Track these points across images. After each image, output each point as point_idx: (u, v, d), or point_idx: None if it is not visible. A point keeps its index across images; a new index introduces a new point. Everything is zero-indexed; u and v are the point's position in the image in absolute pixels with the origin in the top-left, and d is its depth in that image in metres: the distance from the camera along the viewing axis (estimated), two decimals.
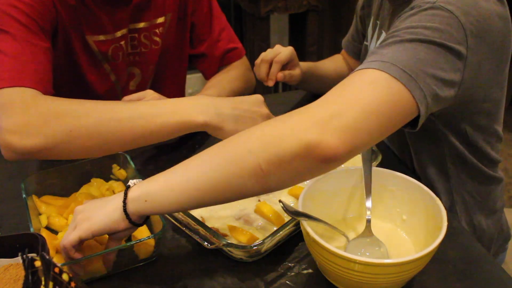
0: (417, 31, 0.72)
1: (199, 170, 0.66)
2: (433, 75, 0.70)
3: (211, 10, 1.25)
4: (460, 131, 0.90)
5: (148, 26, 1.15)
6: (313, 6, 2.54)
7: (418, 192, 0.76)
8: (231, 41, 1.28)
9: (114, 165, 0.95)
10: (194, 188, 0.66)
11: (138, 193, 0.68)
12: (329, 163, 0.64)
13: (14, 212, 0.89)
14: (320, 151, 0.62)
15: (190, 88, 2.76)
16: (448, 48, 0.72)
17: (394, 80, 0.67)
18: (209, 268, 0.78)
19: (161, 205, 0.67)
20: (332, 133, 0.62)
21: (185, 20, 1.22)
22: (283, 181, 0.66)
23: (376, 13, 1.05)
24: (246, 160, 0.64)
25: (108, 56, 1.11)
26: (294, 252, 0.80)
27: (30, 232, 0.75)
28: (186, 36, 1.24)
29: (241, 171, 0.64)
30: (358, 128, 0.64)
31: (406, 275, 0.67)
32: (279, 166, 0.63)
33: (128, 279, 0.76)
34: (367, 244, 0.75)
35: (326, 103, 0.67)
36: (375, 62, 0.70)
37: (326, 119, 0.63)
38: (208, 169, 0.66)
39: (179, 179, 0.67)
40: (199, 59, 1.29)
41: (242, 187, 0.65)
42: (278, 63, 1.05)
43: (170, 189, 0.67)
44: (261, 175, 0.63)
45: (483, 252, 0.81)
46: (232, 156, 0.65)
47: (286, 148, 0.62)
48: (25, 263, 0.53)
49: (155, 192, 0.67)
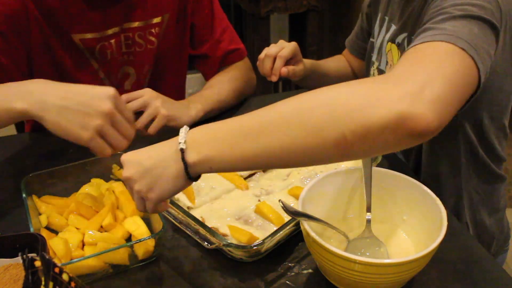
0: (466, 7, 0.72)
1: (272, 139, 0.60)
2: (487, 51, 0.70)
3: (213, 10, 1.24)
4: (476, 122, 0.91)
5: (143, 26, 1.14)
6: (313, 6, 2.54)
7: (418, 192, 0.76)
8: (233, 42, 1.28)
9: (114, 165, 0.95)
10: (266, 158, 0.61)
11: (198, 157, 0.62)
12: (420, 137, 0.59)
13: (14, 212, 0.89)
14: (413, 124, 0.57)
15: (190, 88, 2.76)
16: (492, 25, 0.72)
17: (464, 53, 0.65)
18: (209, 268, 0.78)
19: (227, 168, 0.63)
20: (425, 105, 0.57)
21: (184, 21, 1.21)
22: (367, 151, 0.61)
23: (384, 9, 1.06)
24: (330, 130, 0.58)
25: (95, 54, 1.11)
26: (294, 252, 0.80)
27: (30, 232, 0.75)
28: (185, 37, 1.24)
29: (324, 141, 0.58)
30: (448, 101, 0.60)
31: (406, 275, 0.67)
32: (365, 137, 0.57)
33: (128, 279, 0.76)
34: (367, 244, 0.75)
35: (411, 74, 0.61)
36: (441, 35, 0.67)
37: (417, 90, 0.58)
38: (284, 138, 0.59)
39: (247, 149, 0.60)
40: (200, 60, 1.29)
41: (322, 156, 0.60)
42: (281, 58, 1.05)
43: (240, 159, 0.61)
44: (344, 146, 0.58)
45: (483, 252, 0.81)
46: (312, 124, 0.58)
47: (375, 118, 0.56)
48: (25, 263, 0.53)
49: (220, 159, 0.62)
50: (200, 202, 0.86)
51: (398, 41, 0.98)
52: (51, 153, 1.06)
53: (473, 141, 0.93)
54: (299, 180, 0.91)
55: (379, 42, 1.07)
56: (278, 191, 0.89)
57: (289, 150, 0.59)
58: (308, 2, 2.52)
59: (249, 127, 0.61)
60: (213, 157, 0.61)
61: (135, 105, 0.99)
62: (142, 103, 0.99)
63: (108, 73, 1.16)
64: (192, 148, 0.62)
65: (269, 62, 1.06)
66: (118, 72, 1.18)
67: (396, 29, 0.99)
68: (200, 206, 0.85)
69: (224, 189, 0.89)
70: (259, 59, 1.08)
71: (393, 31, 1.01)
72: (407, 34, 0.96)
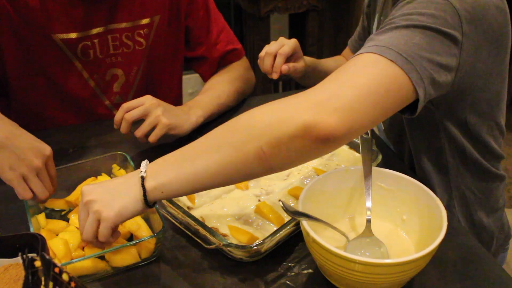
0: (413, 17, 0.74)
1: (207, 159, 0.68)
2: (429, 59, 0.72)
3: (208, 12, 1.24)
4: (460, 122, 0.91)
5: (130, 27, 1.14)
6: (313, 6, 2.54)
7: (418, 192, 0.76)
8: (230, 42, 1.28)
9: (114, 165, 0.95)
10: (204, 177, 0.69)
11: (154, 184, 0.70)
12: (327, 144, 0.65)
13: (14, 212, 0.89)
14: (318, 131, 0.63)
15: (190, 89, 2.76)
16: (443, 33, 0.74)
17: (390, 63, 0.69)
18: (209, 268, 0.78)
19: (177, 193, 0.72)
20: (329, 113, 0.64)
21: (178, 23, 1.21)
22: (285, 162, 0.68)
23: (381, 9, 1.06)
24: (249, 145, 0.66)
25: (77, 53, 1.11)
26: (294, 252, 0.80)
27: (30, 232, 0.75)
28: (180, 39, 1.23)
29: (245, 156, 0.66)
30: (355, 109, 0.65)
31: (406, 275, 0.67)
32: (279, 148, 0.65)
33: (128, 279, 0.76)
34: (367, 244, 0.75)
35: (322, 87, 0.68)
36: (371, 47, 0.71)
37: (322, 100, 0.65)
38: (215, 157, 0.68)
39: (189, 171, 0.69)
40: (197, 61, 1.29)
41: (248, 170, 0.68)
42: (282, 55, 1.05)
43: (184, 180, 0.69)
44: (264, 158, 0.66)
45: (483, 252, 0.81)
46: (236, 142, 0.67)
47: (284, 130, 0.64)
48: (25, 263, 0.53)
49: (169, 184, 0.70)
50: (200, 202, 0.86)
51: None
52: None
53: (459, 139, 0.92)
54: (299, 180, 0.91)
55: None
56: (278, 191, 0.89)
57: (221, 167, 0.68)
58: (308, 2, 2.52)
59: (189, 152, 0.70)
60: (165, 183, 0.69)
61: (136, 114, 0.98)
62: (143, 112, 0.99)
63: (93, 73, 1.16)
64: (150, 176, 0.70)
65: (270, 59, 1.06)
66: (106, 74, 1.17)
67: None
68: (200, 206, 0.86)
69: (224, 189, 0.89)
70: (260, 57, 1.08)
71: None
72: None
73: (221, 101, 1.16)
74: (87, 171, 0.93)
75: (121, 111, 0.99)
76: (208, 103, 1.13)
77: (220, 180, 0.70)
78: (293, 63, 1.08)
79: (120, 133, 1.00)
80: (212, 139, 0.70)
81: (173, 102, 1.12)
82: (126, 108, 0.99)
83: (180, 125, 1.03)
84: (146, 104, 0.99)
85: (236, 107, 1.24)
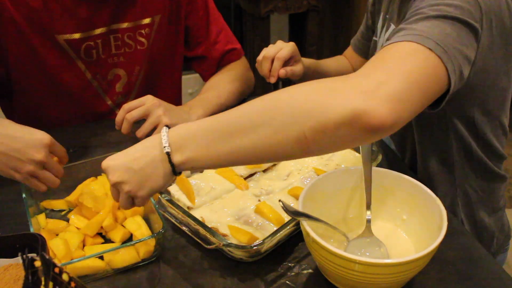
0: (441, 8, 0.73)
1: (241, 139, 0.65)
2: (460, 50, 0.71)
3: (208, 12, 1.24)
4: (468, 120, 0.91)
5: (132, 27, 1.14)
6: (313, 6, 2.54)
7: (418, 192, 0.76)
8: (229, 42, 1.28)
9: None
10: (238, 156, 0.66)
11: (182, 159, 0.67)
12: (375, 133, 0.61)
13: (14, 212, 0.89)
14: (367, 120, 0.59)
15: (190, 88, 2.76)
16: (469, 25, 0.73)
17: (429, 51, 0.67)
18: (209, 268, 0.78)
19: (206, 167, 0.70)
20: (379, 102, 0.60)
21: (177, 23, 1.21)
22: (326, 148, 0.65)
23: (386, 8, 1.07)
24: (291, 129, 0.62)
25: (80, 54, 1.11)
26: (294, 252, 0.80)
27: (30, 232, 0.75)
28: (179, 39, 1.24)
29: (287, 139, 0.63)
30: (404, 98, 0.62)
31: (406, 275, 0.67)
32: (323, 134, 0.61)
33: (128, 279, 0.76)
34: (367, 244, 0.75)
35: (369, 73, 0.65)
36: (409, 36, 0.69)
37: (372, 88, 0.61)
38: (252, 137, 0.64)
39: (222, 149, 0.66)
40: (197, 61, 1.29)
41: (285, 153, 0.65)
42: (280, 59, 1.05)
43: (215, 158, 0.66)
44: (305, 143, 0.62)
45: (483, 252, 0.81)
46: (276, 124, 0.63)
47: (331, 116, 0.60)
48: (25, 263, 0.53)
49: (200, 159, 0.67)
50: (200, 202, 0.86)
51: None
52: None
53: (466, 138, 0.93)
54: (299, 180, 0.91)
55: (381, 40, 1.07)
56: (278, 191, 0.89)
57: (257, 148, 0.64)
58: (308, 2, 2.52)
59: (222, 128, 0.66)
60: (194, 158, 0.66)
61: (137, 114, 0.98)
62: (144, 112, 0.99)
63: (96, 74, 1.16)
64: (176, 150, 0.67)
65: (267, 63, 1.06)
66: (108, 74, 1.17)
67: (394, 29, 1.00)
68: (200, 206, 0.85)
69: (224, 189, 0.89)
70: (257, 61, 1.08)
71: (391, 30, 1.01)
72: None
73: (221, 101, 1.17)
74: (87, 171, 0.93)
75: (122, 111, 0.99)
76: (208, 103, 1.13)
77: (254, 160, 0.68)
78: (291, 67, 1.07)
79: (120, 133, 1.00)
80: (248, 117, 0.66)
81: (173, 101, 1.12)
82: (127, 108, 0.99)
83: None
84: (147, 104, 0.99)
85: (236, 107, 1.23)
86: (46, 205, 0.89)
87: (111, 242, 0.82)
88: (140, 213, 0.86)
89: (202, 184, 0.89)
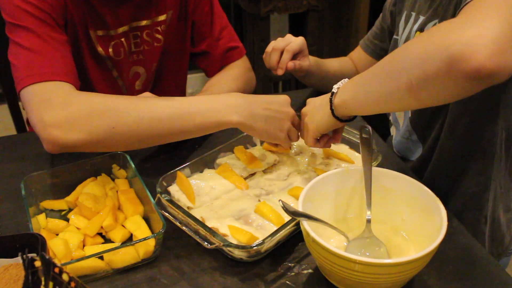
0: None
1: (369, 85, 0.74)
2: None
3: (212, 9, 1.25)
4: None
5: (150, 24, 1.15)
6: (313, 6, 2.54)
7: (418, 192, 0.76)
8: (232, 39, 1.29)
9: (114, 165, 0.95)
10: (371, 101, 0.75)
11: (338, 100, 0.81)
12: (475, 81, 0.60)
13: (14, 212, 0.89)
14: (465, 65, 0.58)
15: (190, 88, 2.76)
16: None
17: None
18: (209, 268, 0.78)
19: (355, 111, 0.80)
20: (478, 45, 0.58)
21: (186, 18, 1.22)
22: (434, 97, 0.66)
23: (411, 6, 1.07)
24: (401, 77, 0.67)
25: (109, 52, 1.11)
26: (294, 252, 0.80)
27: (30, 232, 0.75)
28: (187, 34, 1.25)
29: (398, 87, 0.68)
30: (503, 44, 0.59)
31: (406, 275, 0.67)
32: (427, 82, 0.64)
33: (128, 279, 0.76)
34: (367, 244, 0.75)
35: (467, 19, 0.63)
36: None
37: (473, 32, 0.59)
38: (375, 84, 0.73)
39: (361, 93, 0.77)
40: (200, 57, 1.29)
41: (403, 101, 0.69)
42: (289, 52, 1.05)
43: (357, 101, 0.78)
44: (414, 91, 0.66)
45: (483, 252, 0.81)
46: (392, 72, 0.69)
47: (431, 63, 0.62)
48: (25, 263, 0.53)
49: (349, 102, 0.79)
50: (200, 202, 0.86)
51: (427, 29, 1.00)
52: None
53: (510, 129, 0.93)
54: (299, 180, 0.91)
55: (405, 36, 1.08)
56: (278, 191, 0.89)
57: (380, 95, 0.72)
58: (308, 2, 2.52)
59: (366, 75, 0.76)
60: (346, 100, 0.79)
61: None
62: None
63: (121, 72, 1.17)
64: (338, 93, 0.81)
65: (276, 55, 1.06)
66: (129, 72, 1.18)
67: (424, 19, 1.01)
68: (200, 206, 0.86)
69: (224, 189, 0.89)
70: (266, 52, 1.08)
71: (421, 21, 1.02)
72: (438, 20, 0.97)
73: None
74: (87, 171, 0.93)
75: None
76: None
77: (383, 107, 0.75)
78: (299, 61, 1.08)
79: None
80: (378, 67, 0.74)
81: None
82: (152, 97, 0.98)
83: None
84: None
85: None
86: (46, 205, 0.89)
87: (111, 242, 0.82)
88: (140, 213, 0.86)
89: (202, 184, 0.89)
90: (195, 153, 1.06)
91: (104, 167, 0.94)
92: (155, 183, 0.86)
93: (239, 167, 0.94)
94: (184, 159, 1.03)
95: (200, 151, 1.06)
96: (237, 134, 1.02)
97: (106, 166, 0.95)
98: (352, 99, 0.78)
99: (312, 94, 1.31)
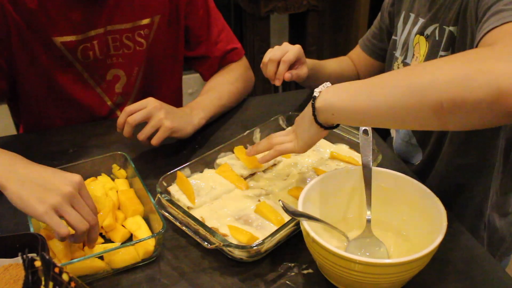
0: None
1: (381, 96, 0.66)
2: None
3: (208, 11, 1.24)
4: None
5: (131, 27, 1.14)
6: (313, 6, 2.54)
7: (418, 192, 0.76)
8: (230, 41, 1.28)
9: (114, 165, 0.95)
10: (374, 114, 0.68)
11: (323, 103, 0.74)
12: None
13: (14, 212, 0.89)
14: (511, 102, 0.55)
15: (190, 89, 2.76)
16: None
17: None
18: (209, 268, 0.78)
19: (345, 120, 0.74)
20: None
21: (177, 23, 1.21)
22: (462, 123, 0.62)
23: (409, 6, 1.07)
24: (429, 94, 0.61)
25: (77, 56, 1.11)
26: (294, 252, 0.80)
27: (30, 232, 0.75)
28: (180, 39, 1.24)
29: (422, 105, 0.62)
30: None
31: (406, 275, 0.67)
32: (461, 108, 0.59)
33: (128, 279, 0.76)
34: (367, 244, 0.75)
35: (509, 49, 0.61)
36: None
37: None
38: (391, 97, 0.65)
39: (362, 103, 0.69)
40: (198, 61, 1.29)
41: (421, 120, 0.64)
42: (285, 63, 1.05)
43: (353, 110, 0.70)
44: (441, 113, 0.60)
45: (483, 252, 0.81)
46: (416, 87, 0.63)
47: (474, 91, 0.57)
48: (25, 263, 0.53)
49: (340, 108, 0.72)
50: (200, 202, 0.86)
51: (427, 33, 1.00)
52: (51, 153, 1.06)
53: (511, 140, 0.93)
54: (299, 180, 0.91)
55: (403, 37, 1.08)
56: (278, 191, 0.89)
57: (392, 108, 0.65)
58: (308, 2, 2.52)
59: (366, 85, 0.70)
60: (334, 104, 0.72)
61: (138, 117, 0.98)
62: (145, 115, 0.98)
63: (93, 74, 1.16)
64: (321, 96, 0.75)
65: (273, 66, 1.05)
66: (106, 74, 1.17)
67: (424, 22, 1.01)
68: (200, 206, 0.86)
69: (224, 189, 0.89)
70: (263, 63, 1.08)
71: (421, 24, 1.02)
72: (438, 25, 0.97)
73: (222, 102, 1.17)
74: (87, 171, 0.93)
75: (123, 114, 0.99)
76: (209, 105, 1.13)
77: (390, 122, 0.71)
78: (296, 71, 1.07)
79: (120, 133, 1.00)
80: (393, 77, 0.67)
81: (173, 102, 1.12)
82: (128, 111, 0.98)
83: (183, 128, 1.03)
84: (148, 107, 0.99)
85: (236, 107, 1.24)
86: None
87: (111, 242, 0.82)
88: (140, 213, 0.86)
89: (202, 184, 0.89)
90: (195, 153, 1.06)
91: (104, 167, 0.94)
92: (155, 183, 0.86)
93: (239, 167, 0.94)
94: (184, 159, 1.03)
95: (200, 151, 1.06)
96: (237, 134, 1.02)
97: (106, 166, 0.95)
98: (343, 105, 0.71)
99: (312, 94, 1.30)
